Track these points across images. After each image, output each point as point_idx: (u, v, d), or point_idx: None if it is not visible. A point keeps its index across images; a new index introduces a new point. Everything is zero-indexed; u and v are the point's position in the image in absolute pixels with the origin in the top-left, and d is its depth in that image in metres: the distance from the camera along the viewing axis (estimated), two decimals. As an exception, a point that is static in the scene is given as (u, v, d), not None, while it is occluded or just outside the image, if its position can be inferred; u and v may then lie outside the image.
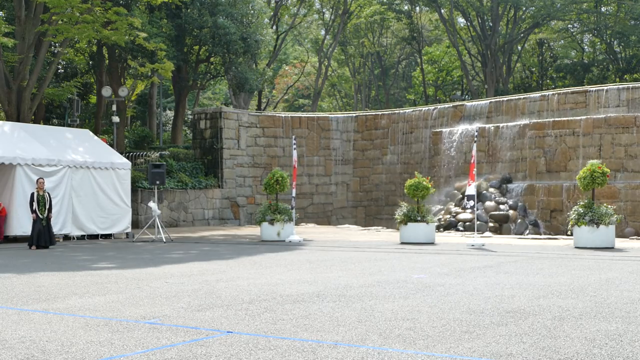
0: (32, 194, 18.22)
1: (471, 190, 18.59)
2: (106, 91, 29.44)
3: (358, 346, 5.88)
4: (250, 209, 31.23)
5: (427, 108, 32.96)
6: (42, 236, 17.88)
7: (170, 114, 51.31)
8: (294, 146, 21.07)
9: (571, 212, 17.51)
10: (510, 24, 50.14)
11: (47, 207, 18.17)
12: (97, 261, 14.27)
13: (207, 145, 30.90)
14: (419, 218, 18.87)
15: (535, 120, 27.59)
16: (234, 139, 30.98)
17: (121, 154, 26.06)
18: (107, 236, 22.44)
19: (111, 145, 27.28)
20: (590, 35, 53.86)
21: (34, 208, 17.96)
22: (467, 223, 25.08)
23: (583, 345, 5.86)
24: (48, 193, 18.55)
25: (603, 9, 50.61)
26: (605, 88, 27.51)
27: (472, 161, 18.71)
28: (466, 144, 28.94)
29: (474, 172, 18.60)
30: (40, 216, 17.93)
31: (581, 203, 17.43)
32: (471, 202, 18.60)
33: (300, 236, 20.43)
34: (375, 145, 33.38)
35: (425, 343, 5.99)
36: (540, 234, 24.09)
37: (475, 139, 19.30)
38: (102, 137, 27.14)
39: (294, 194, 20.70)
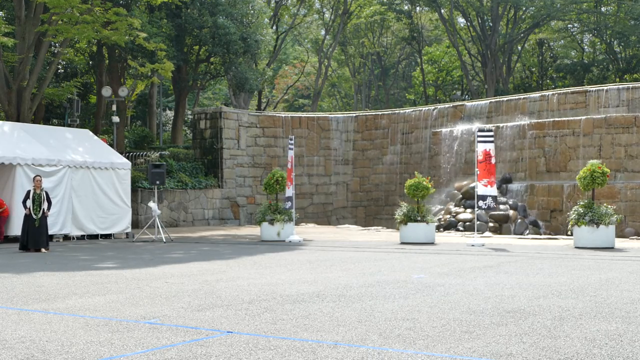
0: (28, 192, 17.52)
1: (492, 190, 18.34)
2: (106, 91, 29.44)
3: (358, 346, 5.88)
4: (250, 209, 31.23)
5: (427, 108, 32.95)
6: (32, 237, 17.05)
7: (170, 114, 51.31)
8: (290, 146, 21.02)
9: (571, 212, 17.50)
10: (510, 24, 50.13)
11: (43, 206, 17.34)
12: (97, 261, 14.27)
13: (207, 145, 30.90)
14: (419, 218, 18.87)
15: (535, 120, 27.59)
16: (234, 139, 30.98)
17: (121, 154, 26.05)
18: (107, 236, 22.43)
19: (111, 145, 27.27)
20: (590, 35, 53.86)
21: (27, 205, 17.26)
22: (467, 223, 25.07)
23: (583, 345, 5.86)
24: (46, 192, 17.79)
25: (603, 9, 50.60)
26: (605, 88, 27.51)
27: (492, 162, 18.41)
28: (466, 144, 28.94)
29: (493, 172, 18.47)
30: (34, 216, 17.17)
31: (581, 203, 17.42)
32: (480, 202, 18.47)
33: (300, 236, 20.42)
34: (375, 145, 33.38)
35: (425, 343, 5.99)
36: (540, 234, 24.09)
37: (492, 138, 18.77)
38: (102, 137, 27.14)
39: (288, 194, 20.47)
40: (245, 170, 31.47)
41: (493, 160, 18.49)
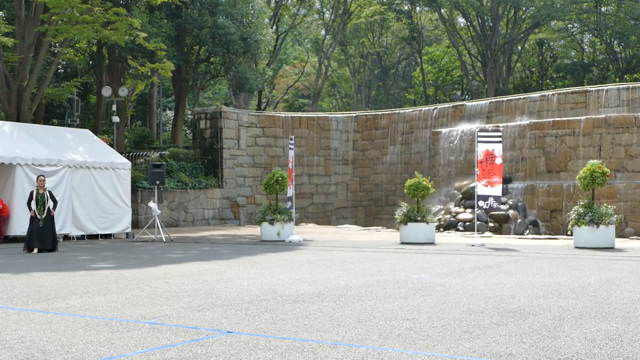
0: (31, 192, 17.27)
1: (495, 191, 18.43)
2: (106, 91, 29.44)
3: (358, 346, 5.88)
4: (250, 209, 31.22)
5: (427, 108, 32.95)
6: (37, 238, 16.80)
7: (170, 114, 51.32)
8: (291, 146, 21.10)
9: (571, 212, 17.50)
10: (510, 24, 50.13)
11: (47, 206, 17.07)
12: (97, 261, 14.27)
13: (207, 145, 30.90)
14: (419, 218, 18.87)
15: (535, 120, 27.58)
16: (234, 139, 30.98)
17: (121, 154, 26.05)
18: (107, 236, 22.42)
19: (111, 145, 27.27)
20: (590, 35, 53.86)
21: (32, 207, 17.00)
22: (467, 223, 25.07)
23: (583, 345, 5.86)
24: (49, 191, 17.54)
25: (603, 9, 50.59)
26: (605, 88, 27.50)
27: (498, 162, 18.46)
28: (466, 144, 28.93)
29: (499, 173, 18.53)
30: (38, 216, 16.89)
31: (581, 203, 17.42)
32: (480, 202, 18.50)
33: (300, 236, 20.42)
34: (375, 145, 33.38)
35: (425, 343, 5.99)
36: (540, 234, 24.08)
37: (499, 139, 18.84)
38: (102, 137, 27.14)
39: (289, 194, 20.62)
40: (245, 170, 31.47)
41: (499, 161, 18.40)
